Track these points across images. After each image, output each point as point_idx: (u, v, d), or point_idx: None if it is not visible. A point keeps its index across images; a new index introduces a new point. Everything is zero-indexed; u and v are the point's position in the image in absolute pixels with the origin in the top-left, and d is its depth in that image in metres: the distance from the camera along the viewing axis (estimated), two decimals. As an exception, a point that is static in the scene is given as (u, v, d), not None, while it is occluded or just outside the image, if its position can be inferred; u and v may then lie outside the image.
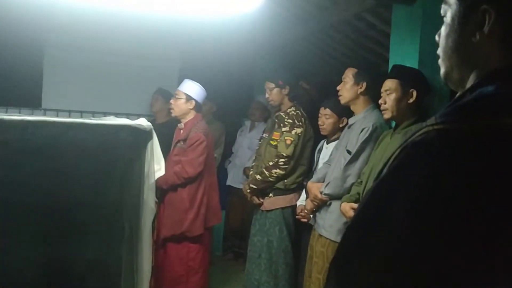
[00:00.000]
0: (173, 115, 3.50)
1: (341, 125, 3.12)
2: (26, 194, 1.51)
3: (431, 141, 0.68)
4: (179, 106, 3.41)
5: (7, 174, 1.47)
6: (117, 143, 1.59)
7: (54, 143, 1.53)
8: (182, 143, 3.36)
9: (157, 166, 2.06)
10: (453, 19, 0.81)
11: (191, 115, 3.43)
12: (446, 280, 0.61)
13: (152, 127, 1.71)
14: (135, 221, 1.77)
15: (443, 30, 0.84)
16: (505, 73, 0.74)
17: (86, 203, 1.58)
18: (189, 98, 3.39)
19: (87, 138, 1.56)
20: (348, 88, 2.80)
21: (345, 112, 3.01)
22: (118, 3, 3.23)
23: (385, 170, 0.75)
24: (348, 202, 2.52)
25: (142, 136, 1.64)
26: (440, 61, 0.86)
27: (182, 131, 3.43)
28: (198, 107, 3.46)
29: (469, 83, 0.80)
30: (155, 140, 1.91)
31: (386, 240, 0.66)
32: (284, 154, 3.25)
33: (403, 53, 2.75)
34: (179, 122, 3.50)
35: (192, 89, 3.42)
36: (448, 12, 0.83)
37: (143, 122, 1.74)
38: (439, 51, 0.86)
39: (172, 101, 3.47)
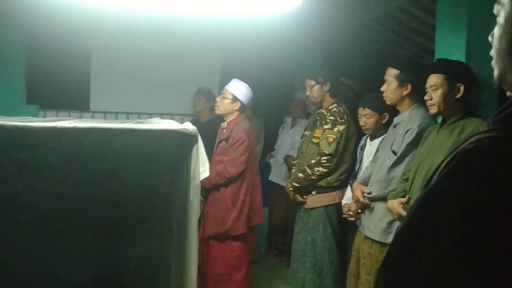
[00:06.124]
0: (216, 112, 3.51)
1: (383, 121, 3.05)
2: (79, 199, 1.58)
3: (484, 149, 0.67)
4: (224, 105, 3.40)
5: (59, 180, 1.55)
6: (164, 147, 1.64)
7: (104, 149, 1.59)
8: (224, 142, 3.38)
9: (202, 168, 2.10)
10: (506, 19, 0.79)
11: (234, 115, 3.41)
12: (503, 280, 0.61)
13: (197, 130, 1.75)
14: (182, 223, 1.83)
15: (496, 31, 0.81)
16: None
17: (137, 205, 1.64)
18: (235, 99, 3.37)
19: (136, 143, 1.62)
20: (392, 90, 2.72)
21: (385, 107, 2.93)
22: (160, 7, 3.31)
23: (435, 177, 0.75)
24: (394, 198, 2.47)
25: (187, 140, 1.67)
26: (493, 63, 0.83)
27: (225, 130, 3.44)
28: (242, 108, 3.44)
29: None
30: (200, 143, 1.95)
31: (438, 245, 0.67)
32: (327, 152, 3.23)
33: (449, 46, 2.66)
34: (223, 120, 3.50)
35: (239, 90, 3.39)
36: (501, 12, 0.80)
37: (188, 126, 1.78)
38: (492, 53, 0.83)
39: (218, 99, 3.47)
